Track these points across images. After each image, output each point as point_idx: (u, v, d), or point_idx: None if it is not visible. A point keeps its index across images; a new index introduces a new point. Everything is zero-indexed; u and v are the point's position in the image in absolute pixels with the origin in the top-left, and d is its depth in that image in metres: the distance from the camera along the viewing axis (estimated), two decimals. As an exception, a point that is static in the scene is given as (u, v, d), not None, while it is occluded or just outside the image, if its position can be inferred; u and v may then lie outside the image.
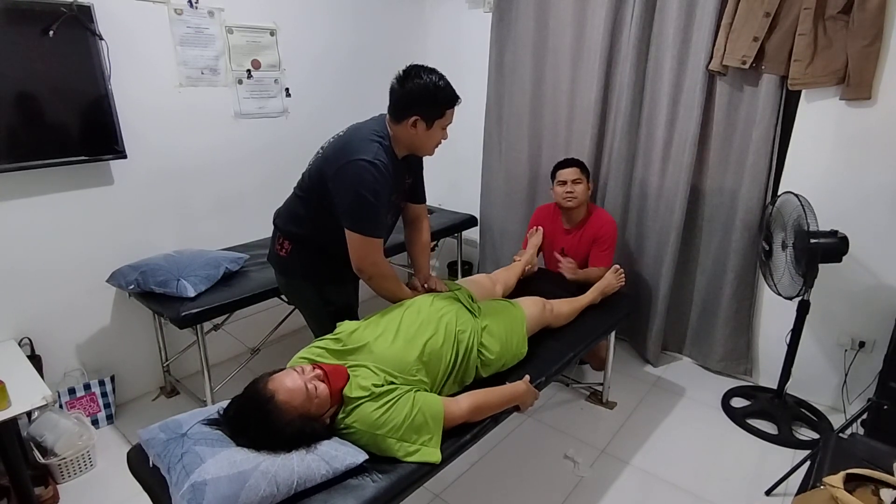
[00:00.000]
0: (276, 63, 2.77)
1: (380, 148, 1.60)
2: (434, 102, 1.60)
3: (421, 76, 1.58)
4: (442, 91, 1.60)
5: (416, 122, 1.60)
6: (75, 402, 2.27)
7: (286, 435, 1.24)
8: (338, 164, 1.59)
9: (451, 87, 1.62)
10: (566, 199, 2.46)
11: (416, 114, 1.59)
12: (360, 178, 1.55)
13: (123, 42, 2.18)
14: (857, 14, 1.99)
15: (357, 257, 1.65)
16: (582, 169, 2.46)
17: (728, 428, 2.34)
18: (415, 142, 1.67)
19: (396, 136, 1.66)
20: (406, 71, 1.60)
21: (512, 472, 2.09)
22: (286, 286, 1.92)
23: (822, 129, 2.22)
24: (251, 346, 2.53)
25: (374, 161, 1.55)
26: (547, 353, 1.89)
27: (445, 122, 1.67)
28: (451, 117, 1.67)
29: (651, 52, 2.56)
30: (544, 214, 2.63)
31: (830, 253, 1.99)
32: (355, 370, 1.42)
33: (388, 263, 1.73)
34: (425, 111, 1.60)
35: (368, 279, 1.71)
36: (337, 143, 1.68)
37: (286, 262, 1.81)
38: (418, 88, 1.57)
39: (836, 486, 1.15)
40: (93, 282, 2.28)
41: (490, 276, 2.20)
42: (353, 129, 1.71)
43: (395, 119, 1.63)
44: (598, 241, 2.47)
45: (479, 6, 3.21)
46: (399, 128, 1.63)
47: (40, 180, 2.08)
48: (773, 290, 2.17)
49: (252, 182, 2.77)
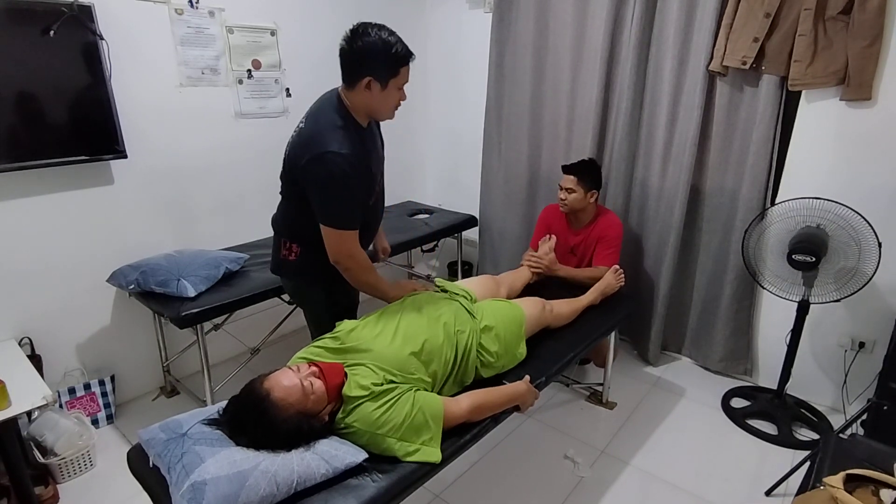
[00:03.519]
0: (277, 63, 2.77)
1: (345, 134, 1.53)
2: (386, 60, 1.50)
3: (369, 33, 1.48)
4: (393, 46, 1.50)
5: (370, 83, 1.50)
6: (75, 402, 2.27)
7: (284, 432, 1.24)
8: (305, 159, 1.53)
9: (403, 43, 1.52)
10: (560, 203, 2.47)
11: (368, 74, 1.49)
12: (328, 171, 1.50)
13: (124, 42, 2.18)
14: (858, 15, 1.99)
15: (333, 251, 1.62)
16: (581, 178, 2.39)
17: (728, 428, 2.34)
18: (371, 105, 1.57)
19: (353, 105, 1.58)
20: (353, 29, 1.50)
21: (512, 472, 2.09)
22: (296, 289, 1.87)
23: (822, 129, 2.22)
24: (251, 346, 2.53)
25: (340, 152, 1.50)
26: (547, 353, 1.89)
27: (401, 82, 1.56)
28: (407, 76, 1.56)
29: (651, 52, 2.56)
30: (552, 214, 2.63)
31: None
32: (354, 369, 1.42)
33: (365, 255, 1.69)
34: (378, 71, 1.50)
35: (345, 271, 1.66)
36: (301, 138, 1.60)
37: (298, 265, 1.76)
38: (368, 46, 1.48)
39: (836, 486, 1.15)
40: (93, 281, 2.28)
41: (495, 279, 2.18)
42: (312, 119, 1.61)
43: (349, 84, 1.54)
44: (602, 242, 2.47)
45: (479, 6, 3.21)
46: (353, 94, 1.55)
47: (41, 180, 2.09)
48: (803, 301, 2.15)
49: (252, 182, 2.77)
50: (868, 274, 1.99)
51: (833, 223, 2.03)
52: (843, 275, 2.06)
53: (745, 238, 2.23)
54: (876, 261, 1.96)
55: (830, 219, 2.04)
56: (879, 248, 1.95)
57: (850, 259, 2.03)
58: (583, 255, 2.53)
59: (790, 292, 2.17)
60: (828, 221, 2.05)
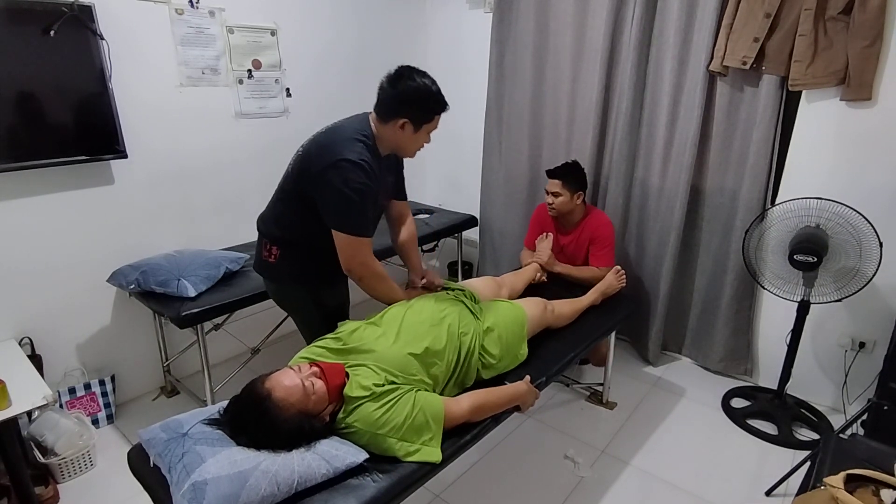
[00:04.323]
0: (277, 63, 2.77)
1: (364, 147, 1.58)
2: (425, 107, 1.60)
3: (414, 79, 1.57)
4: (434, 97, 1.60)
5: (405, 124, 1.59)
6: (75, 402, 2.27)
7: (284, 432, 1.24)
8: (322, 164, 1.56)
9: (441, 94, 1.62)
10: (548, 208, 2.48)
11: (405, 116, 1.58)
12: (345, 178, 1.53)
13: (124, 42, 2.18)
14: (858, 15, 1.99)
15: (345, 258, 1.63)
16: (566, 181, 2.39)
17: (728, 428, 2.34)
18: (399, 143, 1.66)
19: (381, 136, 1.64)
20: (399, 72, 1.58)
21: (512, 472, 2.09)
22: (277, 292, 1.87)
23: (822, 129, 2.22)
24: (251, 346, 2.53)
25: (358, 161, 1.54)
26: (548, 353, 1.89)
27: (432, 128, 1.66)
28: (438, 122, 1.67)
29: (651, 52, 2.56)
30: (544, 214, 2.63)
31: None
32: (356, 369, 1.42)
33: (378, 263, 1.70)
34: (415, 115, 1.59)
35: (359, 280, 1.68)
36: (319, 143, 1.64)
37: (276, 268, 1.77)
38: (411, 91, 1.56)
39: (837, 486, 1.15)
40: (93, 281, 2.28)
41: (497, 280, 2.18)
42: (334, 127, 1.67)
43: (383, 119, 1.61)
44: (595, 243, 2.47)
45: (479, 6, 3.21)
46: (385, 128, 1.62)
47: (41, 180, 2.08)
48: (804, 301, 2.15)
49: (252, 182, 2.77)
50: (868, 274, 1.99)
51: (833, 223, 2.03)
52: (844, 275, 2.06)
53: (746, 238, 2.23)
54: (877, 261, 1.97)
55: (831, 219, 2.04)
56: (881, 248, 1.95)
57: (850, 259, 2.03)
58: (573, 255, 2.54)
59: (790, 292, 2.17)
60: (828, 221, 2.05)
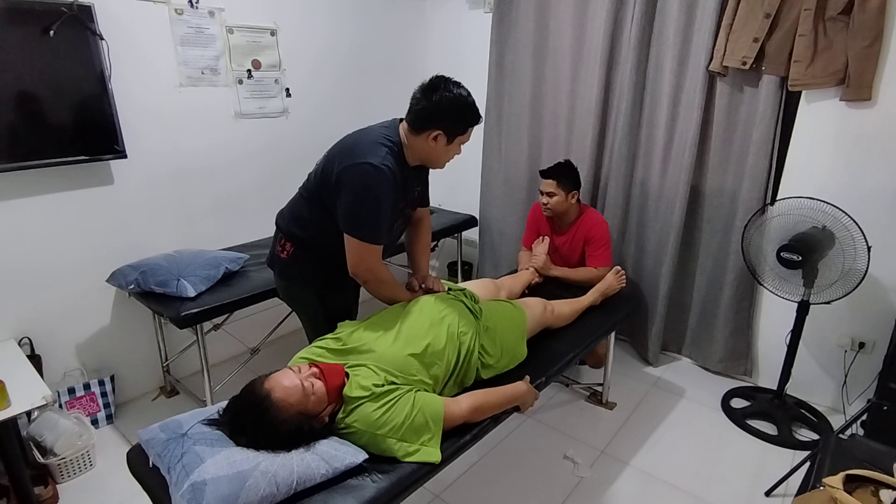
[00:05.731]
0: (277, 63, 2.77)
1: (388, 153, 1.54)
2: (461, 119, 1.56)
3: (451, 90, 1.53)
4: (470, 109, 1.56)
5: (438, 136, 1.55)
6: (75, 402, 2.27)
7: (284, 433, 1.24)
8: (343, 165, 1.54)
9: (476, 106, 1.58)
10: (543, 208, 2.47)
11: (439, 128, 1.54)
12: (363, 182, 1.51)
13: (124, 42, 2.18)
14: (858, 15, 1.99)
15: (353, 262, 1.61)
16: (560, 181, 2.38)
17: (728, 429, 2.34)
18: (431, 155, 1.62)
19: (411, 146, 1.60)
20: (434, 82, 1.54)
21: (512, 472, 2.09)
22: (285, 290, 1.87)
23: (822, 130, 2.22)
24: (251, 346, 2.53)
25: (380, 166, 1.50)
26: (547, 353, 1.89)
27: (465, 140, 1.63)
28: (470, 134, 1.64)
29: (651, 53, 2.56)
30: (539, 213, 2.62)
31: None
32: (356, 370, 1.42)
33: (386, 268, 1.69)
34: (450, 127, 1.55)
35: (364, 283, 1.68)
36: (345, 144, 1.63)
37: (287, 265, 1.77)
38: (447, 103, 1.52)
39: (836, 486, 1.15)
40: (93, 281, 2.28)
41: (495, 282, 2.18)
42: (362, 130, 1.65)
43: (415, 130, 1.57)
44: (590, 243, 2.46)
45: (479, 6, 3.22)
46: (417, 139, 1.58)
47: (40, 180, 2.08)
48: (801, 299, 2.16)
49: (252, 182, 2.77)
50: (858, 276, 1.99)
51: (834, 223, 2.04)
52: (844, 275, 2.06)
53: (745, 234, 2.23)
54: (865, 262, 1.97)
55: (827, 220, 2.04)
56: (868, 252, 1.95)
57: (847, 259, 2.03)
58: (568, 255, 2.53)
59: (790, 292, 2.17)
60: (829, 221, 2.05)
